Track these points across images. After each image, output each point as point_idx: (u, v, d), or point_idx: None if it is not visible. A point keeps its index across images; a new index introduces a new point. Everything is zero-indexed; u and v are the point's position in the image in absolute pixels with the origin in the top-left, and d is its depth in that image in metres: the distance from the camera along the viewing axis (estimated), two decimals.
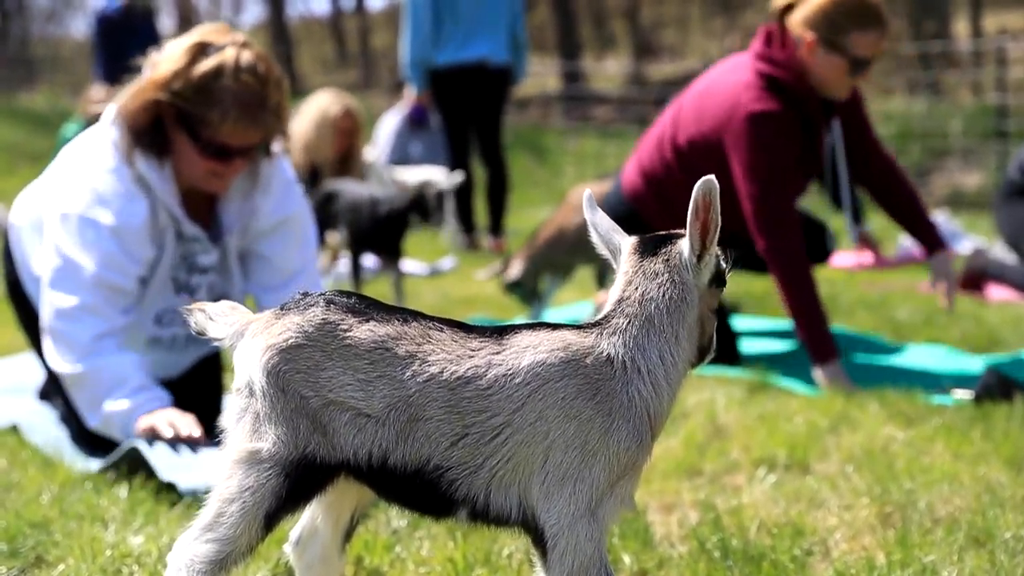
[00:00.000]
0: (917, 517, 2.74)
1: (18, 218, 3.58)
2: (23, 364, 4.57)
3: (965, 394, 3.96)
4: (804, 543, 2.58)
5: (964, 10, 22.65)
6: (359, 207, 6.01)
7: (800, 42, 4.38)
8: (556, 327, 1.91)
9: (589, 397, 1.83)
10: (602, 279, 5.52)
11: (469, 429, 1.82)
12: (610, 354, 1.86)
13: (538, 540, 1.85)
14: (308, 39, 35.20)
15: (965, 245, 8.44)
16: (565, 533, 1.82)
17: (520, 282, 5.55)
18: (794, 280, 4.32)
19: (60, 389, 3.49)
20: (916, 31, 18.59)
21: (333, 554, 2.04)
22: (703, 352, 1.97)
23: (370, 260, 7.11)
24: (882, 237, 8.02)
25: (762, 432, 3.51)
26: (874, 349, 4.90)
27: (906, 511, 2.78)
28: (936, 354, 4.80)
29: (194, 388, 3.66)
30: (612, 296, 1.94)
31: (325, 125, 7.55)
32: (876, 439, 3.44)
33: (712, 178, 1.82)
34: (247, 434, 1.86)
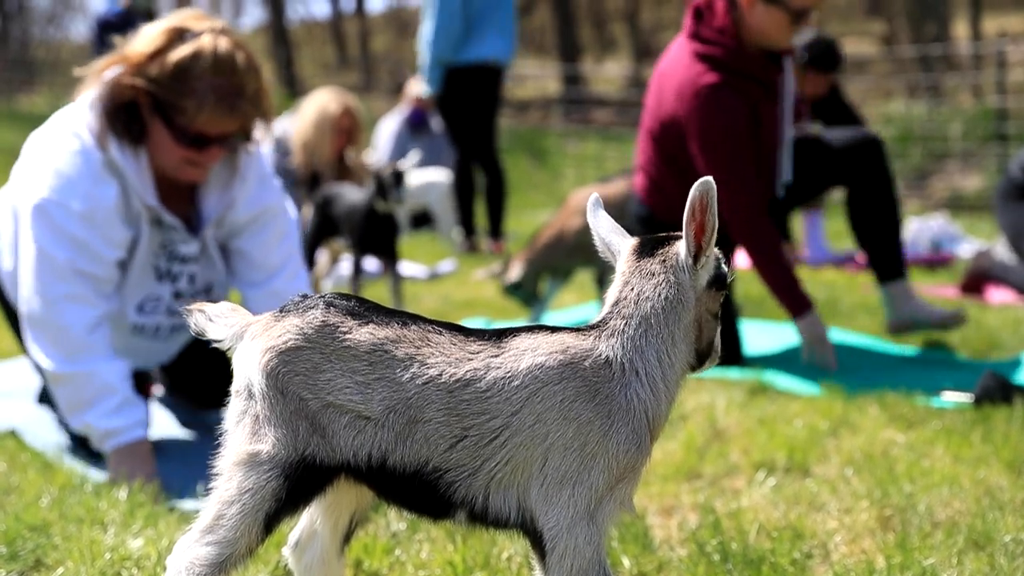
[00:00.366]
0: (917, 520, 2.74)
1: None
2: (20, 368, 4.57)
3: (957, 396, 3.96)
4: (804, 546, 2.58)
5: (964, 13, 22.69)
6: (356, 210, 6.00)
7: (736, 2, 4.45)
8: (555, 330, 1.90)
9: (588, 400, 1.83)
10: (602, 282, 5.51)
11: (468, 431, 1.82)
12: (608, 356, 1.86)
13: (537, 543, 1.85)
14: (308, 42, 35.26)
15: (965, 248, 8.44)
16: (564, 536, 1.81)
17: (520, 284, 5.55)
18: (756, 235, 4.36)
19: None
20: (916, 34, 18.60)
21: (332, 557, 2.04)
22: (703, 356, 1.94)
23: (372, 263, 7.11)
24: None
25: (762, 435, 3.51)
26: (874, 352, 4.89)
27: (906, 514, 2.78)
28: (936, 357, 4.80)
29: (193, 365, 3.66)
30: (609, 298, 1.93)
31: (324, 124, 7.52)
32: (876, 442, 3.44)
33: (709, 179, 1.81)
34: (246, 436, 1.86)
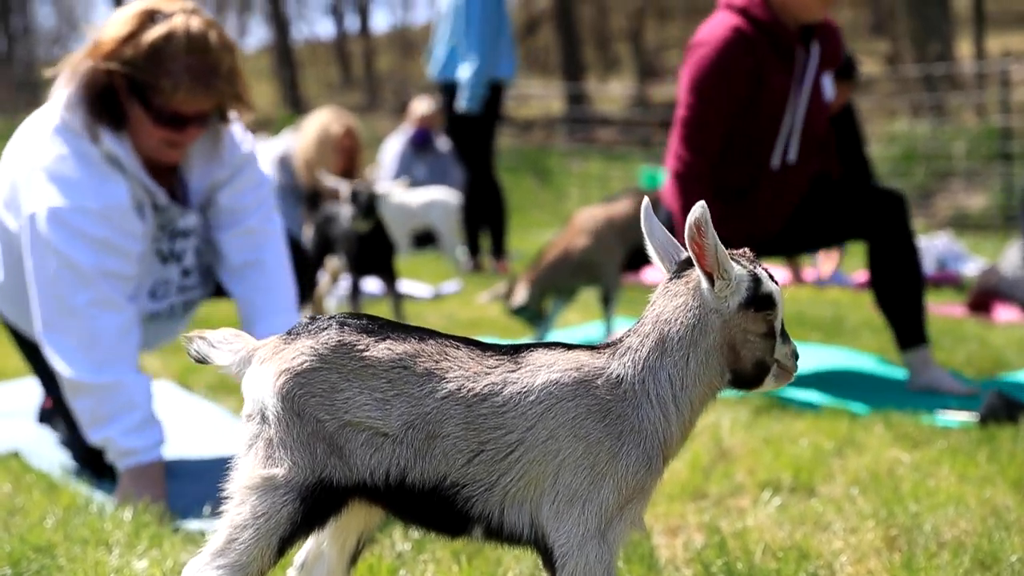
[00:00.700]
0: (923, 540, 2.73)
1: None
2: (22, 389, 4.58)
3: (957, 415, 3.95)
4: (809, 566, 2.58)
5: (968, 32, 22.73)
6: (351, 230, 6.00)
7: None
8: (571, 347, 1.90)
9: (599, 419, 1.82)
10: (607, 301, 5.52)
11: (485, 446, 1.82)
12: (620, 375, 1.85)
13: (548, 560, 1.85)
14: (313, 62, 35.39)
15: (970, 267, 8.44)
16: (575, 554, 1.81)
17: (525, 304, 5.55)
18: (689, 193, 4.37)
19: (62, 411, 3.42)
20: (920, 53, 18.63)
21: None
22: (748, 377, 1.88)
23: (374, 283, 7.10)
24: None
25: (767, 455, 3.50)
26: (879, 371, 4.89)
27: (912, 534, 2.77)
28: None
29: None
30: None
31: (326, 144, 7.54)
32: (881, 462, 3.43)
33: (701, 203, 1.78)
34: (260, 460, 1.84)
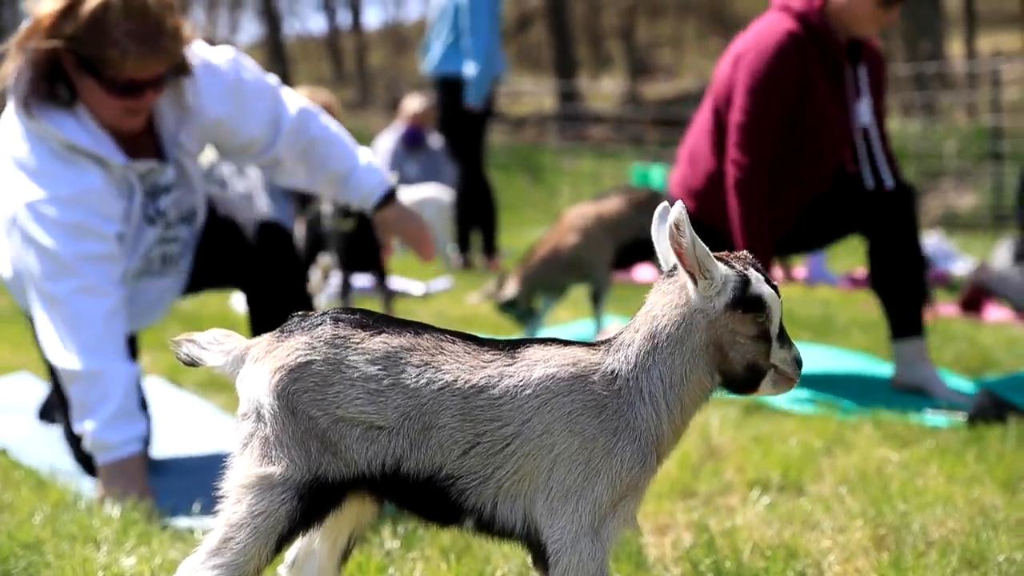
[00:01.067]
0: (911, 539, 2.74)
1: None
2: (14, 384, 4.57)
3: (943, 415, 3.97)
4: (798, 565, 2.58)
5: (959, 31, 22.78)
6: (339, 228, 6.01)
7: None
8: (568, 343, 1.91)
9: (595, 414, 1.83)
10: (596, 298, 5.52)
11: (480, 438, 1.82)
12: (615, 371, 1.85)
13: (540, 556, 1.85)
14: (305, 58, 35.32)
15: (959, 266, 8.47)
16: (568, 551, 1.81)
17: (515, 301, 5.55)
18: (748, 197, 4.34)
19: (62, 404, 3.40)
20: (911, 52, 18.67)
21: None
22: (739, 380, 1.87)
23: (365, 279, 7.10)
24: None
25: (756, 453, 3.51)
26: (868, 370, 4.90)
27: (900, 533, 2.78)
28: None
29: None
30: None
31: None
32: (870, 461, 3.44)
33: (679, 204, 1.77)
34: (256, 459, 1.84)
